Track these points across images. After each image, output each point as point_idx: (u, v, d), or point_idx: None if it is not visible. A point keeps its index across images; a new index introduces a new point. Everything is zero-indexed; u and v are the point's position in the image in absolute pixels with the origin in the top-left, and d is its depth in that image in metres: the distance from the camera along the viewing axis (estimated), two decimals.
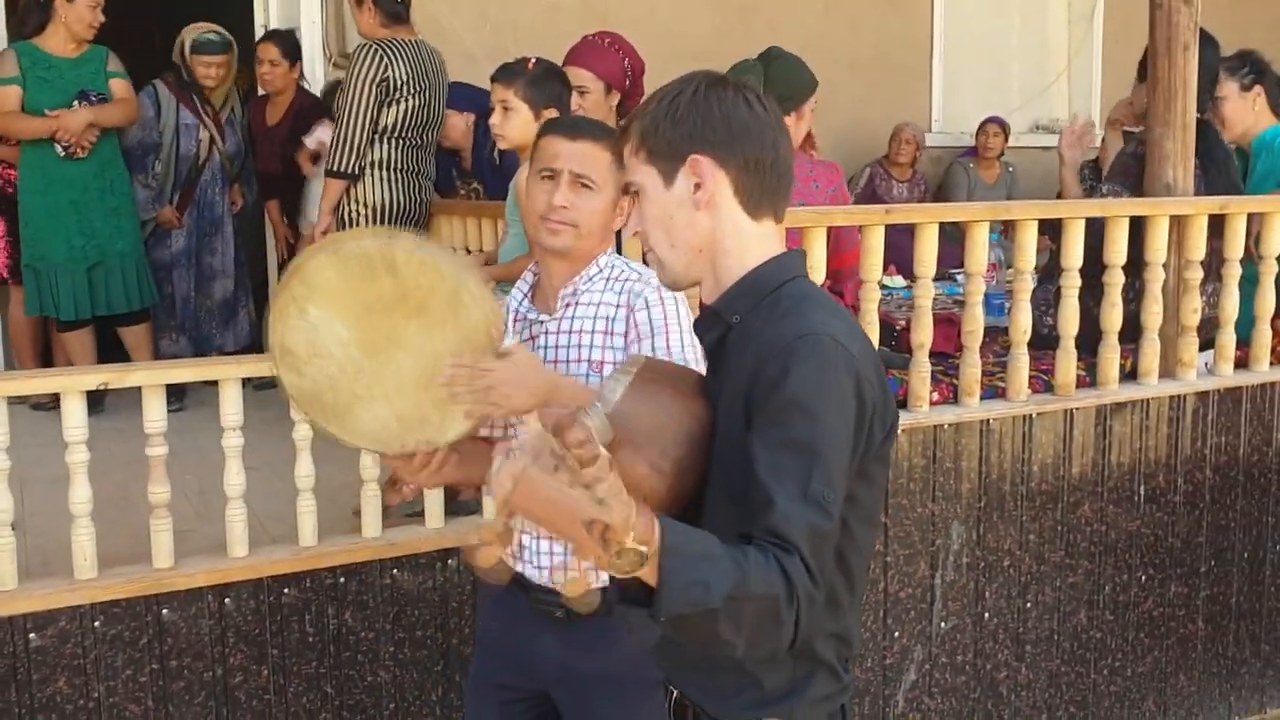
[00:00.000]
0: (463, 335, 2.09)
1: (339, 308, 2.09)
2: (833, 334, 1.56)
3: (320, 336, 2.10)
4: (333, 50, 5.61)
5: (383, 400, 2.13)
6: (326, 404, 2.14)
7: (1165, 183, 4.00)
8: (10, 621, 2.91)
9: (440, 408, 2.13)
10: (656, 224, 1.69)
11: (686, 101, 1.65)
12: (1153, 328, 3.96)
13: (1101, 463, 3.91)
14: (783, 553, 1.45)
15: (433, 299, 2.09)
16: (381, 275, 2.07)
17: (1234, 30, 4.79)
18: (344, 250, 2.08)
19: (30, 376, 3.38)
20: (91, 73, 4.92)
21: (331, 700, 3.23)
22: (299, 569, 3.19)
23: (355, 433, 2.17)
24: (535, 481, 1.26)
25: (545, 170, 2.30)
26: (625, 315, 2.28)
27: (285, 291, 2.10)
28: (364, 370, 2.12)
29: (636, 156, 1.68)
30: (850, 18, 7.00)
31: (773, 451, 1.51)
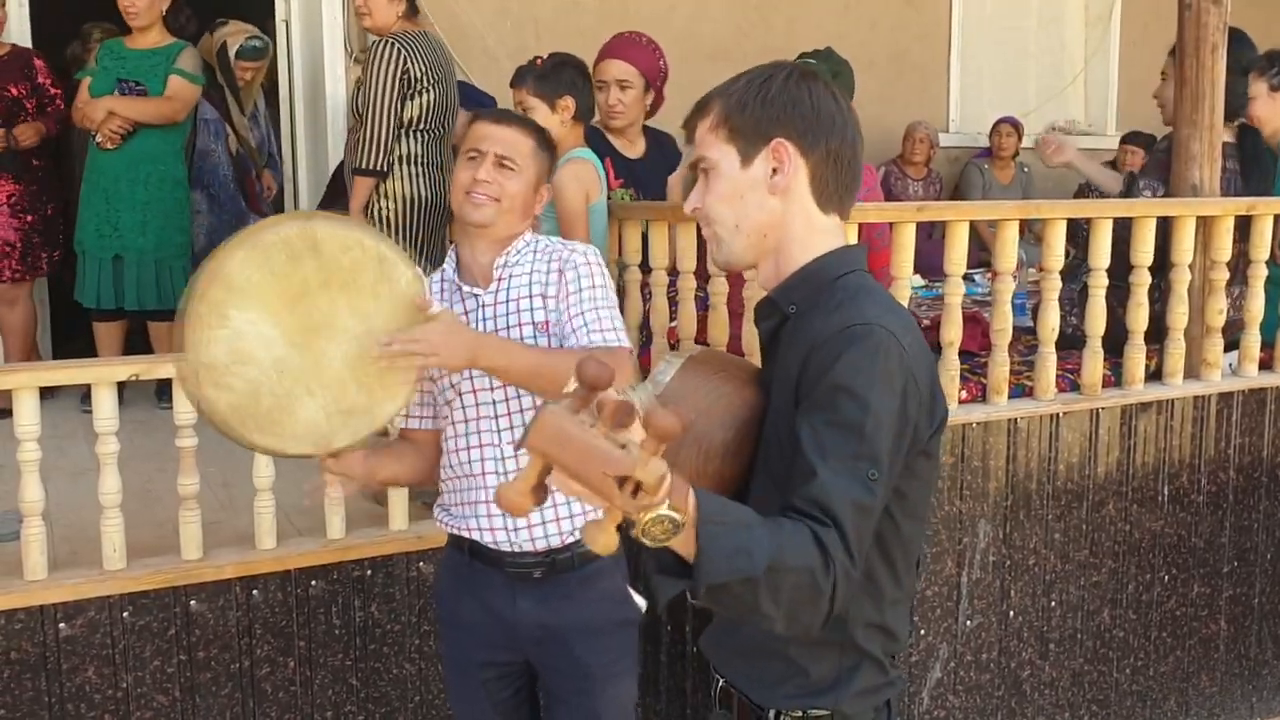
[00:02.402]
0: (393, 305, 2.14)
1: (263, 305, 2.06)
2: (885, 325, 1.56)
3: (243, 341, 2.06)
4: (354, 47, 5.60)
5: (309, 395, 2.12)
6: (250, 414, 2.10)
7: (1191, 183, 4.00)
8: (41, 611, 2.92)
9: (369, 393, 2.16)
10: (725, 202, 1.68)
11: (779, 85, 1.66)
12: (1178, 328, 3.95)
13: (1126, 462, 3.91)
14: (819, 525, 1.45)
15: (359, 273, 2.11)
16: (305, 258, 2.08)
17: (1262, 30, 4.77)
18: (264, 240, 2.06)
19: (62, 368, 3.38)
20: (152, 65, 4.92)
21: (357, 692, 3.23)
22: (326, 561, 3.19)
23: (287, 438, 2.15)
24: (567, 428, 1.22)
25: (471, 151, 2.44)
26: (557, 278, 2.41)
27: (200, 301, 2.04)
28: (290, 367, 2.10)
29: (715, 133, 1.67)
30: (869, 17, 7.00)
31: (816, 431, 1.51)
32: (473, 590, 2.50)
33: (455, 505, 2.50)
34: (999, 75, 7.71)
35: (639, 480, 1.23)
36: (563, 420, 1.22)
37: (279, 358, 2.08)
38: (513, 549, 2.43)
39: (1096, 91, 7.99)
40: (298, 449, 2.19)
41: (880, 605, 1.65)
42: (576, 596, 2.46)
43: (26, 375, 3.00)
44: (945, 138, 7.35)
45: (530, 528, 2.42)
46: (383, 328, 2.13)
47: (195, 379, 2.05)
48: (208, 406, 2.08)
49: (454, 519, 2.50)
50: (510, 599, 2.46)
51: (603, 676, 2.51)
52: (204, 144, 5.35)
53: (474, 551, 2.48)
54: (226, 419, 2.09)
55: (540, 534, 2.42)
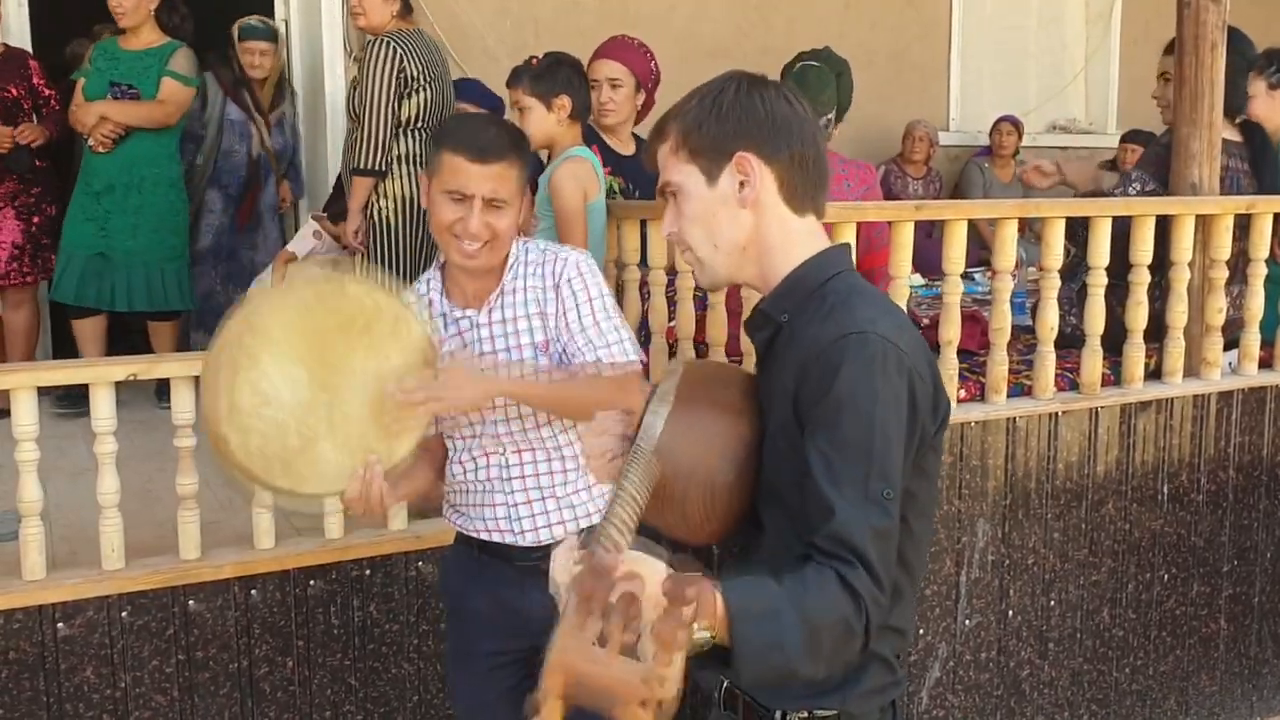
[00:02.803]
0: (408, 350, 2.22)
1: (290, 346, 2.15)
2: (879, 330, 1.55)
3: (269, 382, 2.14)
4: (353, 47, 5.60)
5: (329, 436, 2.20)
6: (273, 456, 2.17)
7: (1191, 182, 3.99)
8: (39, 611, 2.92)
9: (385, 432, 2.24)
10: (697, 223, 1.67)
11: (730, 99, 1.64)
12: (1178, 327, 3.95)
13: (1126, 461, 3.91)
14: (845, 565, 1.45)
15: (377, 321, 2.20)
16: (330, 304, 2.18)
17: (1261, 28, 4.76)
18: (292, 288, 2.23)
19: (60, 368, 3.38)
20: (145, 67, 4.90)
21: (356, 692, 3.23)
22: (325, 561, 3.19)
23: (308, 478, 2.22)
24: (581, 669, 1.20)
25: (454, 193, 2.30)
26: (553, 295, 2.38)
27: (233, 347, 2.12)
28: (313, 408, 2.18)
29: (676, 155, 1.67)
30: (869, 16, 6.99)
31: (827, 456, 1.51)
32: (482, 582, 2.53)
33: (465, 506, 2.54)
34: (999, 74, 7.70)
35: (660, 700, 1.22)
36: (576, 660, 1.20)
37: (304, 399, 2.17)
38: (519, 545, 2.47)
39: (1097, 90, 7.99)
40: (315, 489, 2.27)
41: (897, 608, 1.64)
42: None
43: (25, 375, 3.00)
44: (945, 136, 7.35)
45: (537, 530, 2.46)
46: (400, 371, 2.21)
47: (224, 422, 2.12)
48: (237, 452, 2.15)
49: (462, 519, 2.54)
50: (520, 590, 2.47)
51: None
52: (228, 144, 5.35)
53: (483, 548, 2.51)
54: (253, 463, 2.17)
55: (546, 534, 2.46)
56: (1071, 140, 7.85)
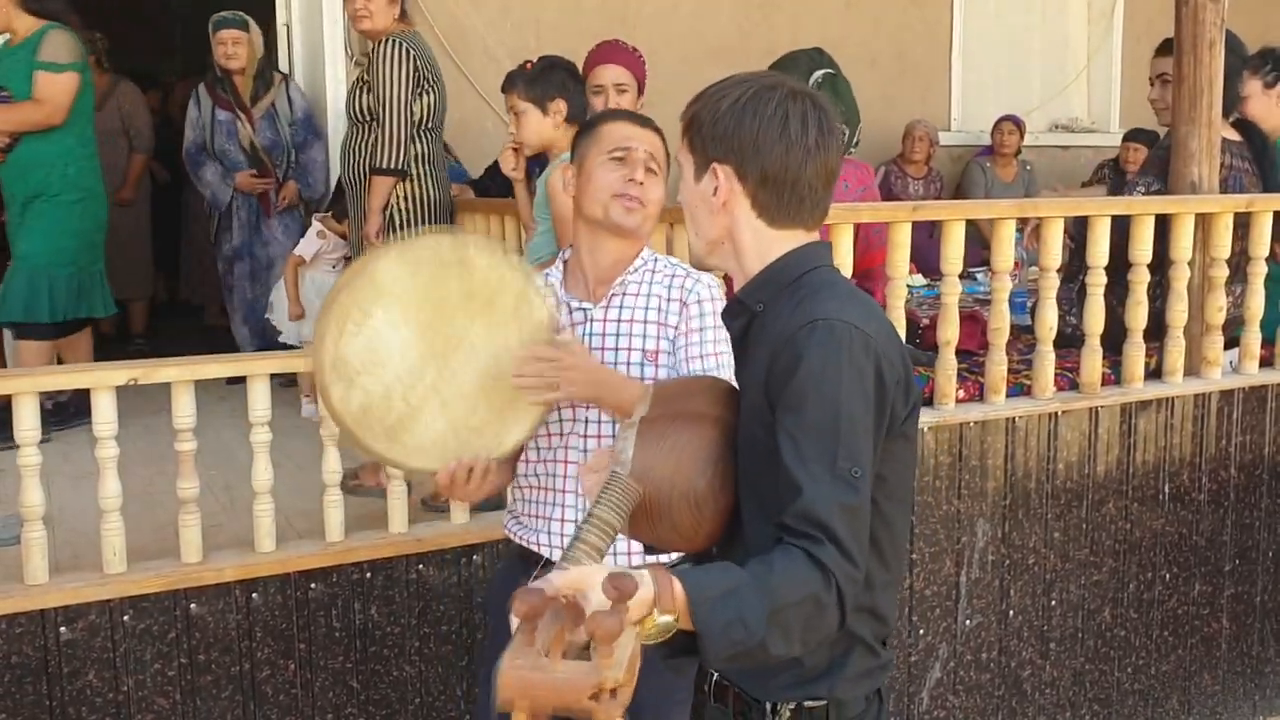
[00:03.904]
0: (528, 333, 2.14)
1: (406, 309, 2.07)
2: (844, 318, 1.58)
3: (381, 342, 2.06)
4: (354, 50, 5.61)
5: (439, 409, 2.12)
6: (376, 420, 2.10)
7: (1190, 180, 3.99)
8: (41, 615, 2.93)
9: (498, 415, 2.16)
10: (687, 209, 1.74)
11: (727, 107, 1.67)
12: (1178, 326, 3.95)
13: (1126, 461, 3.91)
14: (812, 542, 1.47)
15: (501, 296, 2.12)
16: (454, 272, 2.09)
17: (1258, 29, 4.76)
18: (416, 248, 2.09)
19: (60, 372, 3.39)
20: (13, 65, 4.52)
21: (357, 694, 3.24)
22: (326, 564, 3.20)
23: (408, 450, 2.14)
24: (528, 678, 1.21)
25: (618, 150, 2.34)
26: (678, 309, 2.33)
27: (345, 295, 2.05)
28: (422, 377, 2.10)
29: (683, 140, 1.73)
30: (871, 16, 6.99)
31: (794, 437, 1.54)
32: None
33: (528, 516, 2.42)
34: (1001, 73, 7.70)
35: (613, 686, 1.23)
36: (521, 672, 1.21)
37: (414, 366, 2.09)
38: None
39: (1099, 89, 7.99)
40: (419, 463, 2.19)
41: (870, 590, 1.65)
42: None
43: (26, 380, 3.01)
44: (947, 136, 7.34)
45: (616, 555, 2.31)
46: (517, 347, 2.14)
47: (326, 372, 2.06)
48: (336, 404, 2.08)
49: (527, 531, 2.42)
50: None
51: (657, 705, 2.35)
52: (220, 145, 5.38)
53: (544, 565, 2.34)
54: (352, 420, 2.10)
55: (610, 562, 2.29)
56: (1073, 139, 7.85)
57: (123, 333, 6.92)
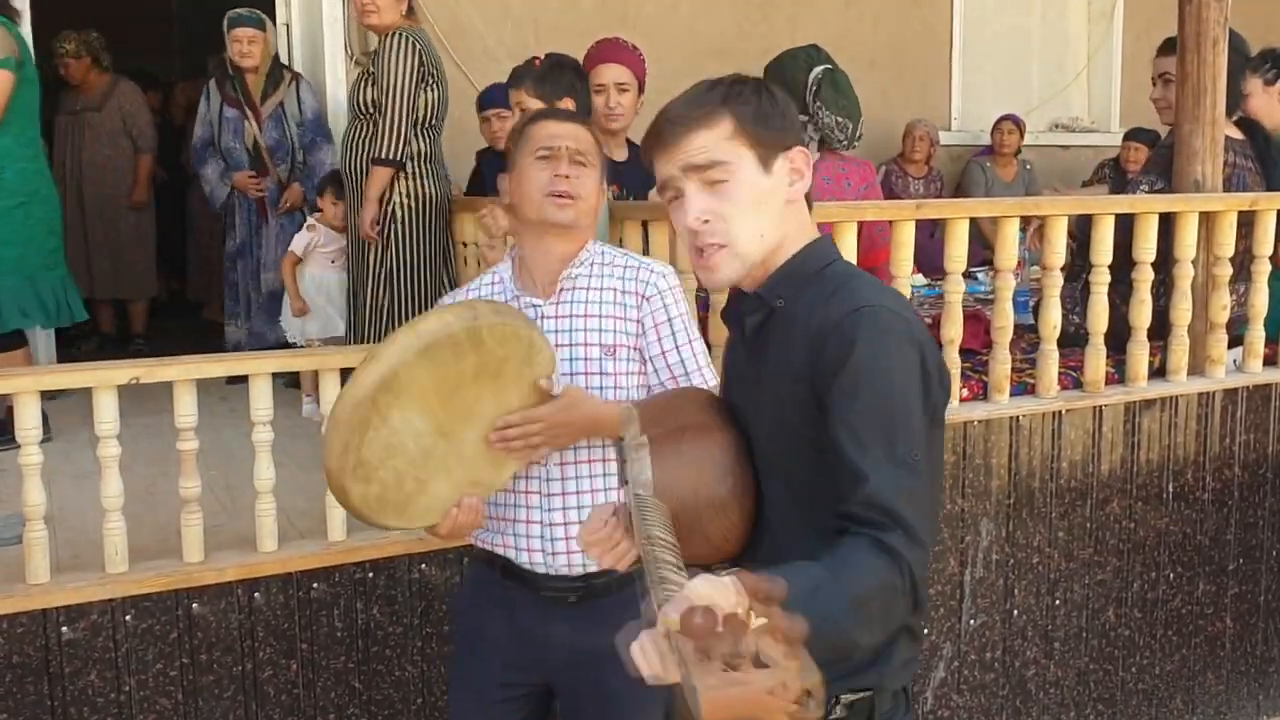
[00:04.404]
0: (530, 387, 2.19)
1: (422, 401, 2.11)
2: (886, 305, 1.60)
3: (398, 438, 2.11)
4: (355, 49, 5.61)
5: (444, 477, 2.19)
6: (390, 502, 2.17)
7: (1194, 179, 3.98)
8: (43, 615, 2.91)
9: (494, 464, 2.23)
10: (749, 210, 1.66)
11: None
12: (1182, 324, 3.94)
13: (1130, 460, 3.90)
14: (881, 530, 1.47)
15: (508, 364, 2.15)
16: (466, 354, 2.11)
17: (1259, 28, 4.76)
18: (436, 342, 2.08)
19: (62, 371, 3.38)
20: None
21: (359, 695, 3.23)
22: (328, 564, 3.19)
23: (416, 514, 2.23)
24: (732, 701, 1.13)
25: (543, 149, 2.35)
26: (636, 301, 2.33)
27: (368, 406, 2.06)
28: (433, 454, 2.16)
29: (733, 140, 1.66)
30: (871, 15, 6.99)
31: (851, 426, 1.54)
32: (503, 608, 2.41)
33: (490, 519, 2.41)
34: (1001, 72, 7.70)
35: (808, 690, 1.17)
36: (723, 693, 1.13)
37: (426, 447, 2.15)
38: (549, 572, 2.35)
39: (1100, 88, 7.98)
40: (421, 523, 2.27)
41: None
42: (612, 621, 2.28)
43: (28, 379, 3.00)
44: (947, 135, 7.33)
45: (569, 553, 2.33)
46: (515, 407, 2.20)
47: (348, 474, 2.11)
48: (356, 501, 2.15)
49: (487, 534, 2.42)
50: (543, 621, 2.37)
51: (633, 705, 2.37)
52: (226, 142, 5.39)
53: (506, 570, 2.39)
54: (370, 510, 2.17)
55: (579, 559, 2.33)
56: (1074, 139, 7.84)
57: (123, 332, 6.90)
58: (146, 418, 4.34)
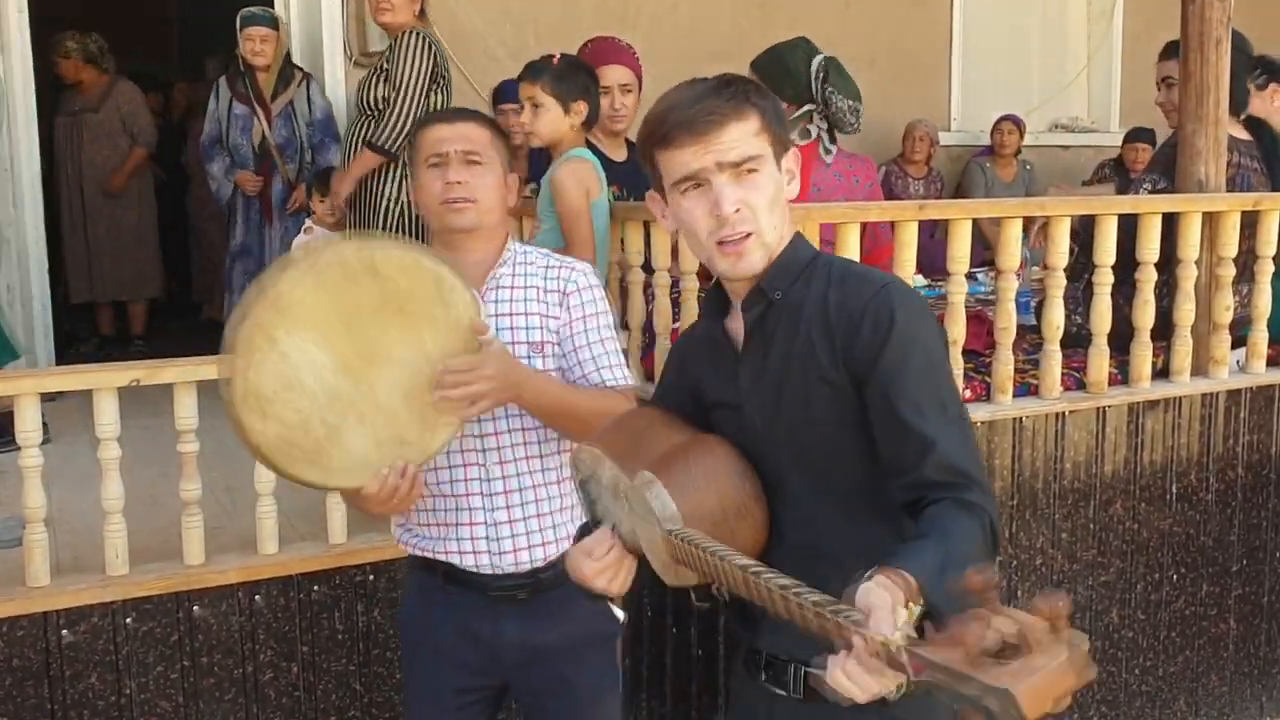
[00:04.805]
0: (447, 330, 2.08)
1: (314, 327, 1.99)
2: (901, 281, 1.74)
3: (291, 367, 1.98)
4: (354, 50, 5.60)
5: (360, 424, 2.05)
6: (297, 446, 2.03)
7: (1197, 179, 3.97)
8: (44, 618, 2.90)
9: (421, 421, 2.09)
10: (773, 206, 1.72)
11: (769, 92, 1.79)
12: (1185, 325, 3.93)
13: (1133, 461, 3.89)
14: (959, 490, 1.54)
15: (414, 299, 2.05)
16: (362, 280, 2.01)
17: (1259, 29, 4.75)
18: (320, 261, 2.00)
19: (62, 373, 3.37)
20: None
21: (360, 697, 3.22)
22: (328, 566, 3.18)
23: (334, 470, 2.08)
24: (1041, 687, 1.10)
25: (433, 157, 2.32)
26: (558, 299, 2.33)
27: (248, 323, 1.95)
28: (338, 396, 2.02)
29: (760, 137, 1.71)
30: (871, 15, 6.97)
31: (908, 395, 1.60)
32: (449, 614, 2.37)
33: (429, 526, 2.37)
34: (1001, 72, 7.68)
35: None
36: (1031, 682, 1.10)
37: (329, 385, 2.01)
38: (497, 571, 2.32)
39: (1100, 88, 7.97)
40: (346, 482, 2.13)
41: None
42: (561, 614, 2.34)
43: (28, 381, 2.99)
44: (946, 136, 7.32)
45: (516, 552, 2.31)
46: (436, 353, 2.08)
47: (239, 406, 1.98)
48: (254, 437, 2.01)
49: (426, 541, 2.38)
50: (492, 621, 2.34)
51: (590, 695, 2.42)
52: (234, 139, 5.40)
53: (449, 576, 2.35)
54: (272, 451, 2.03)
55: (526, 557, 2.32)
56: (1074, 139, 7.83)
57: (123, 334, 6.89)
58: (147, 419, 4.32)
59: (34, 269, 5.43)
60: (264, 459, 2.07)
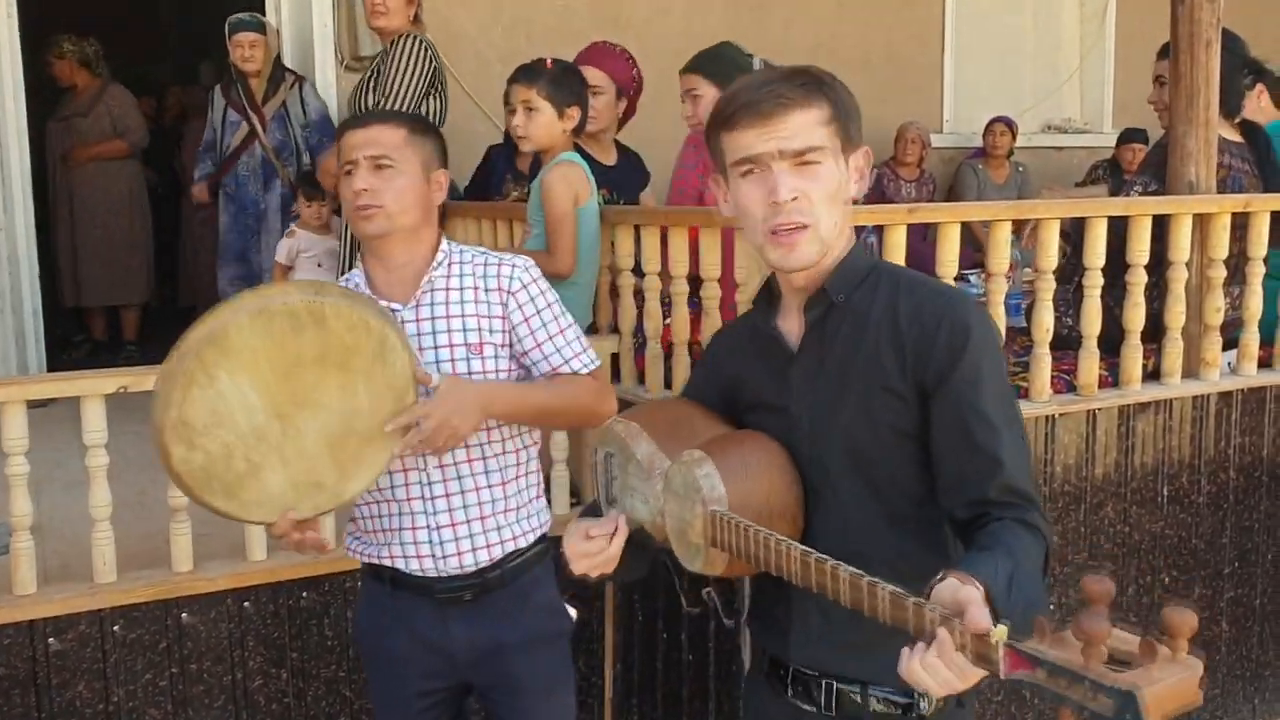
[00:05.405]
0: (383, 387, 2.11)
1: (254, 371, 2.03)
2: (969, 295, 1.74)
3: (225, 404, 2.02)
4: (345, 54, 5.59)
5: (279, 466, 2.10)
6: (217, 477, 2.07)
7: (1188, 180, 3.97)
8: (30, 626, 2.90)
9: (340, 469, 2.13)
10: (831, 201, 1.69)
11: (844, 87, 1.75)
12: (1175, 327, 3.92)
13: (1125, 463, 3.88)
14: (1021, 511, 1.56)
15: (356, 355, 2.08)
16: (308, 331, 2.04)
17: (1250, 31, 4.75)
18: (271, 308, 2.03)
19: (49, 380, 3.36)
20: None
21: (351, 703, 3.22)
22: (318, 572, 3.18)
23: (249, 504, 2.12)
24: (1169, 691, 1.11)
25: (346, 165, 2.31)
26: (500, 298, 2.31)
27: (192, 358, 1.99)
28: (267, 436, 2.07)
29: (827, 128, 1.68)
30: (863, 17, 6.98)
31: (980, 411, 1.60)
32: (399, 621, 2.38)
33: (373, 533, 2.39)
34: (993, 74, 7.69)
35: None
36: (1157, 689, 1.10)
37: (258, 425, 2.06)
38: (441, 574, 2.32)
39: (1092, 89, 7.98)
40: (254, 516, 2.18)
41: None
42: (510, 613, 2.37)
43: (15, 388, 2.98)
44: (939, 138, 7.32)
45: (460, 555, 2.31)
46: (367, 409, 2.11)
47: (166, 434, 2.01)
48: (176, 464, 2.04)
49: (372, 547, 2.39)
50: (441, 625, 2.35)
51: (543, 691, 2.44)
52: (228, 144, 5.40)
53: (396, 581, 2.36)
54: (192, 479, 2.06)
55: (470, 560, 2.32)
56: (1067, 140, 7.84)
57: (115, 339, 6.88)
58: (137, 424, 4.31)
59: (24, 273, 5.42)
60: (181, 485, 2.11)
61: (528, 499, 2.42)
